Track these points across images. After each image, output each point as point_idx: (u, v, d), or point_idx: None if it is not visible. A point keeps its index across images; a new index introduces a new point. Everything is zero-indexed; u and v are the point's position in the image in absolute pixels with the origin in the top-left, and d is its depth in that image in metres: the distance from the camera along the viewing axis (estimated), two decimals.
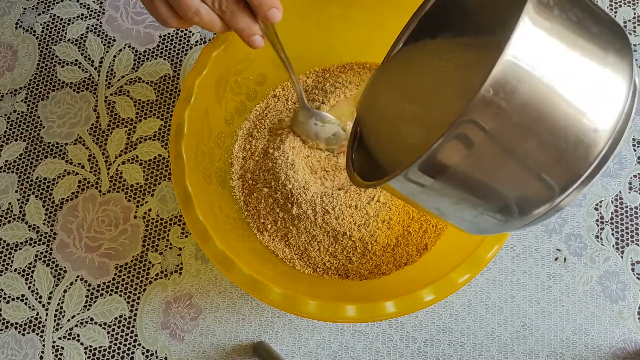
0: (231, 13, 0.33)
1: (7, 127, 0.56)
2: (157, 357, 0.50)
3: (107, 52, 0.58)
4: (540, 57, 0.22)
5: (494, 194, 0.25)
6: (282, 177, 0.46)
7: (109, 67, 0.57)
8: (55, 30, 0.59)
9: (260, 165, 0.49)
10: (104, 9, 0.59)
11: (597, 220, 0.50)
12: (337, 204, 0.45)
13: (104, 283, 0.51)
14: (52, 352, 0.50)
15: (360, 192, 0.47)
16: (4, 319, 0.51)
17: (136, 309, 0.51)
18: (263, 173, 0.49)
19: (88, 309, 0.51)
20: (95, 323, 0.51)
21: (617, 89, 0.23)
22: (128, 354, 0.50)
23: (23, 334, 0.51)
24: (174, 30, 0.58)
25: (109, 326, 0.50)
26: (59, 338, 0.50)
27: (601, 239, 0.50)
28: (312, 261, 0.47)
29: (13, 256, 0.53)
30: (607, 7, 0.56)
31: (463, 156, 0.23)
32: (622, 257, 0.50)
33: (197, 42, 0.57)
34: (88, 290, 0.51)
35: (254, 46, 0.35)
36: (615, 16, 0.56)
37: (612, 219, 0.50)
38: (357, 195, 0.46)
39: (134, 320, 0.51)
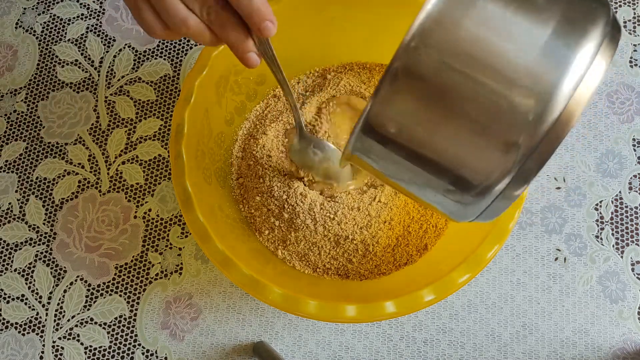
0: (221, 25, 0.29)
1: (7, 127, 0.56)
2: (157, 357, 0.50)
3: (107, 52, 0.58)
4: (467, 13, 0.22)
5: (441, 163, 0.24)
6: (275, 187, 0.46)
7: (109, 67, 0.57)
8: (55, 30, 0.59)
9: (253, 172, 0.49)
10: (104, 9, 0.59)
11: (597, 220, 0.50)
12: (340, 208, 0.45)
13: (104, 283, 0.51)
14: (52, 352, 0.50)
15: (362, 193, 0.47)
16: (4, 319, 0.51)
17: (136, 309, 0.51)
18: (254, 180, 0.48)
19: (88, 309, 0.51)
20: (95, 323, 0.51)
21: (567, 56, 0.22)
22: (128, 354, 0.50)
23: (23, 334, 0.51)
24: None
25: (109, 326, 0.50)
26: (59, 338, 0.50)
27: (601, 239, 0.50)
28: (312, 263, 0.47)
29: (13, 256, 0.53)
30: None
31: (399, 116, 0.23)
32: (622, 257, 0.50)
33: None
34: (88, 290, 0.51)
35: (249, 65, 0.31)
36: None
37: (612, 219, 0.50)
38: (359, 196, 0.46)
39: (134, 320, 0.51)
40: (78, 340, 0.50)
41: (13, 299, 0.52)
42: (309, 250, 0.46)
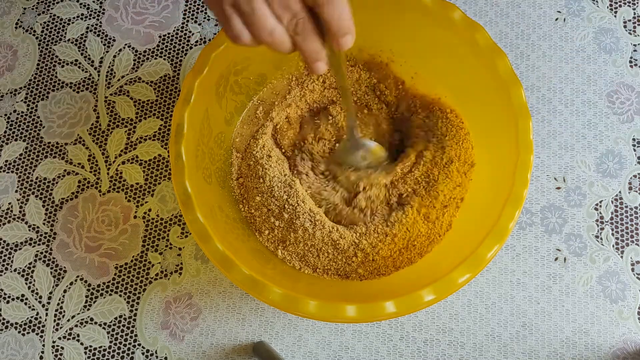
0: (304, 36, 0.31)
1: (7, 127, 0.56)
2: (157, 357, 0.50)
3: (107, 52, 0.58)
4: None
5: None
6: (275, 187, 0.46)
7: (109, 67, 0.57)
8: (55, 30, 0.59)
9: (253, 172, 0.49)
10: (104, 9, 0.59)
11: (597, 220, 0.50)
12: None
13: (104, 283, 0.51)
14: (52, 352, 0.50)
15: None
16: (4, 319, 0.51)
17: (136, 309, 0.51)
18: (254, 180, 0.48)
19: (88, 309, 0.51)
20: (95, 323, 0.51)
21: None
22: (128, 354, 0.50)
23: (23, 334, 0.51)
24: (173, 30, 0.58)
25: (109, 326, 0.50)
26: (59, 338, 0.50)
27: (601, 239, 0.50)
28: (312, 264, 0.47)
29: (13, 256, 0.53)
30: (607, 7, 0.56)
31: None
32: (622, 257, 0.50)
33: (197, 42, 0.57)
34: (88, 290, 0.51)
35: (316, 71, 0.34)
36: (615, 16, 0.56)
37: (612, 219, 0.50)
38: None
39: (134, 320, 0.51)
40: (78, 340, 0.50)
41: (13, 299, 0.52)
42: (307, 252, 0.46)
